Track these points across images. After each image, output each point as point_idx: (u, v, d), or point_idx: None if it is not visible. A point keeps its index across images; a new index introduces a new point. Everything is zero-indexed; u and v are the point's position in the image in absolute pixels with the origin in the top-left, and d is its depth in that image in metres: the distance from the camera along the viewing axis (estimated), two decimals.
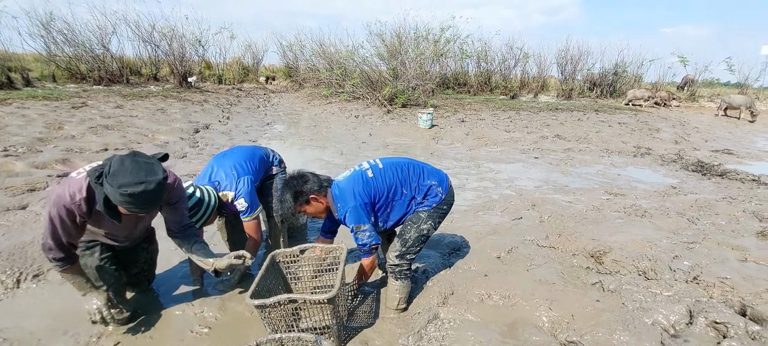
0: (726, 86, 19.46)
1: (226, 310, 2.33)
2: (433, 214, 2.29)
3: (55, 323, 2.16)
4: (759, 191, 4.81)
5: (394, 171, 2.26)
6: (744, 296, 2.35)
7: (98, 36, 12.32)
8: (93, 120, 7.11)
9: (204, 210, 2.27)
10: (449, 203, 2.37)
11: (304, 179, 2.20)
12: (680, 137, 9.03)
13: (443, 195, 2.30)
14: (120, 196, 1.59)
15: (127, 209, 1.67)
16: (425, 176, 2.29)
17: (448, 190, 2.34)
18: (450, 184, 2.39)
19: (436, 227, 2.32)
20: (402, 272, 2.29)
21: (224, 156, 2.61)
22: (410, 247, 2.26)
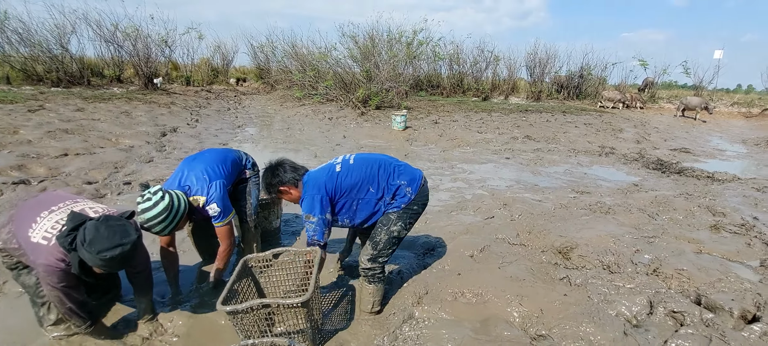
0: (683, 88, 20.58)
1: (197, 317, 2.27)
2: (403, 215, 2.25)
3: (11, 338, 2.05)
4: (713, 187, 5.12)
5: (362, 168, 2.23)
6: (699, 286, 2.49)
7: (56, 36, 11.70)
8: (51, 124, 6.75)
9: (173, 216, 2.20)
10: (421, 203, 2.32)
11: (276, 171, 2.25)
12: (641, 137, 9.47)
13: (413, 195, 2.25)
14: (99, 260, 1.68)
15: (104, 270, 1.79)
16: (395, 175, 2.25)
17: (418, 189, 2.28)
18: (423, 183, 2.32)
19: (407, 227, 2.28)
20: (374, 275, 2.27)
21: (195, 159, 2.53)
22: (381, 250, 2.24)
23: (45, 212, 1.86)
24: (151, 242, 2.73)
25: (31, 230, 1.80)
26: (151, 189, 2.13)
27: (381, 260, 2.27)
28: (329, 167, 2.25)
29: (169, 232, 2.22)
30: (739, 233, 3.43)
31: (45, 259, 1.74)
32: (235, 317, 1.77)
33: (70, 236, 1.69)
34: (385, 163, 2.29)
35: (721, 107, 16.19)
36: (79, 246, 1.67)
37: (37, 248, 1.76)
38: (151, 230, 2.12)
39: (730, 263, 2.92)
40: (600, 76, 17.24)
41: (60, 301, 1.83)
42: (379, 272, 2.28)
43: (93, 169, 4.83)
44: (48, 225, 1.81)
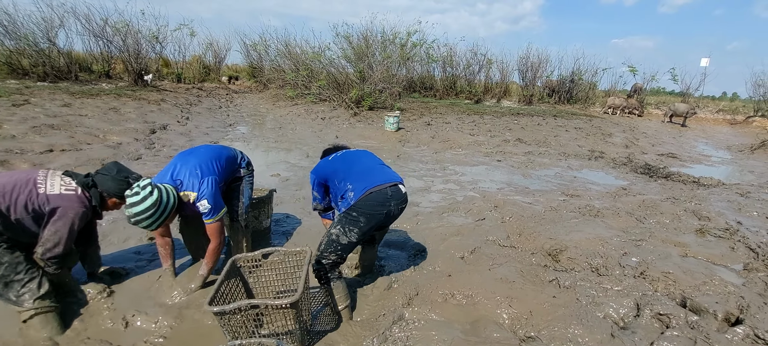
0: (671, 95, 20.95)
1: (184, 318, 2.24)
2: (343, 219, 2.18)
3: None
4: (699, 192, 5.21)
5: (339, 164, 2.40)
6: (684, 289, 2.53)
7: (43, 29, 11.48)
8: (36, 119, 6.61)
9: (161, 212, 2.17)
10: (363, 213, 2.16)
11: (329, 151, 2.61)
12: (630, 142, 9.61)
13: (352, 201, 2.18)
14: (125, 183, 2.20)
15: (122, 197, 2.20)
16: (348, 177, 2.29)
17: (360, 196, 2.17)
18: (371, 192, 2.18)
19: (346, 234, 2.16)
20: (319, 275, 2.24)
21: (190, 154, 2.50)
22: (323, 251, 2.19)
23: (40, 176, 2.12)
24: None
25: (43, 189, 2.07)
26: (140, 182, 2.11)
27: (324, 262, 2.19)
28: (331, 157, 2.50)
29: (156, 227, 2.20)
30: (723, 237, 3.50)
31: (79, 203, 2.12)
32: (222, 318, 1.75)
33: (87, 179, 2.19)
34: (355, 164, 2.39)
35: (707, 114, 16.51)
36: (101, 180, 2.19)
37: (66, 197, 2.10)
38: (139, 224, 2.11)
39: (715, 266, 2.98)
40: (590, 82, 17.46)
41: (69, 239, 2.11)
42: (324, 273, 2.21)
43: (79, 165, 4.74)
44: (58, 182, 2.13)
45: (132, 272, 2.69)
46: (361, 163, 2.38)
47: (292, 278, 2.31)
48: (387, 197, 2.21)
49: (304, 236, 3.38)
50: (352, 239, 2.18)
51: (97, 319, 2.21)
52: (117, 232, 3.28)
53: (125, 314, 2.23)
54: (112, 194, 2.21)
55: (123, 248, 3.04)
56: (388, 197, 2.21)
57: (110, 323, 2.17)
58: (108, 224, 3.38)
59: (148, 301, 2.37)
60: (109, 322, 2.18)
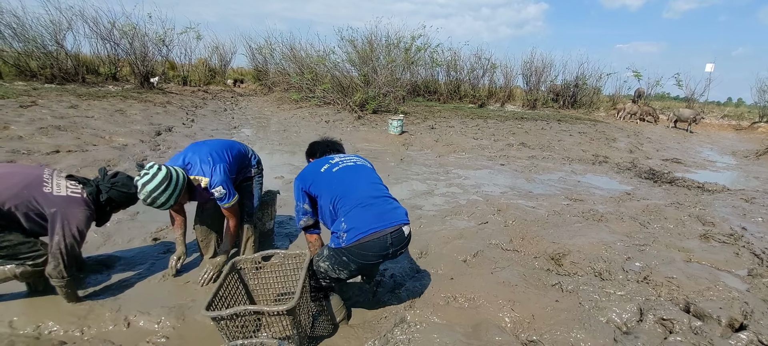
0: (675, 100, 20.85)
1: (186, 319, 2.25)
2: (332, 257, 2.01)
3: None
4: (703, 197, 5.18)
5: (335, 184, 2.10)
6: (688, 294, 2.52)
7: (52, 32, 11.62)
8: (43, 120, 6.68)
9: (173, 187, 2.23)
10: (352, 259, 1.95)
11: (317, 143, 2.62)
12: (634, 147, 9.57)
13: (344, 243, 1.93)
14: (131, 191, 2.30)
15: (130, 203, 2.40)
16: (346, 212, 1.99)
17: (353, 242, 1.90)
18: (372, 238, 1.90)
19: (336, 271, 2.00)
20: (313, 296, 2.18)
21: (202, 144, 2.58)
22: (315, 272, 2.12)
23: (46, 175, 2.15)
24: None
25: (48, 189, 2.09)
26: (147, 165, 2.20)
27: (313, 284, 2.13)
28: (322, 163, 2.26)
29: (171, 204, 2.27)
30: (727, 243, 3.47)
31: (86, 207, 2.17)
32: (219, 323, 1.75)
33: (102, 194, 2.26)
34: (353, 192, 2.04)
35: (712, 120, 16.42)
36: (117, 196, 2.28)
37: (72, 199, 2.13)
38: (155, 202, 2.21)
39: (719, 271, 2.96)
40: (595, 86, 17.43)
41: (75, 246, 2.13)
42: (315, 292, 2.15)
43: (85, 166, 4.79)
44: (64, 183, 2.17)
45: (135, 273, 2.71)
46: (360, 192, 2.03)
47: (293, 281, 2.32)
48: (386, 246, 1.93)
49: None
50: (342, 276, 2.04)
51: (98, 320, 2.21)
52: (121, 233, 3.30)
53: (127, 315, 2.24)
54: (123, 205, 2.39)
55: (127, 247, 3.07)
56: (387, 246, 1.93)
57: (112, 325, 2.18)
58: (112, 225, 3.41)
59: (150, 302, 2.38)
60: (111, 323, 2.19)
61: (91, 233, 3.22)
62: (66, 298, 2.26)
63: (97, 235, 3.21)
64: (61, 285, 2.19)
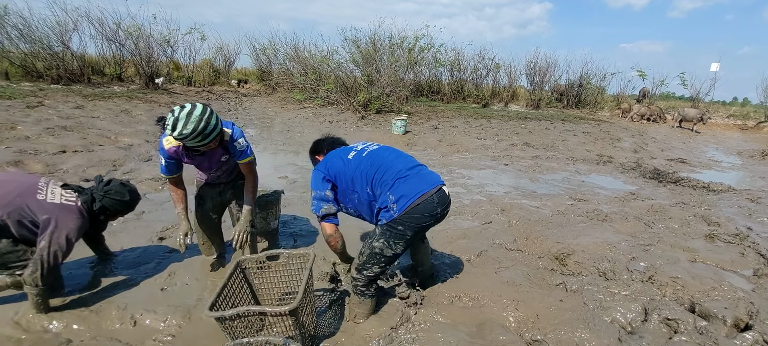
0: (680, 100, 20.71)
1: (192, 318, 2.27)
2: (386, 232, 2.08)
3: None
4: (708, 197, 5.15)
5: (367, 165, 2.16)
6: (693, 294, 2.51)
7: (58, 33, 11.70)
8: (50, 120, 6.75)
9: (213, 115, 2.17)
10: (408, 225, 2.06)
11: (322, 140, 2.58)
12: (639, 147, 9.53)
13: (396, 213, 2.03)
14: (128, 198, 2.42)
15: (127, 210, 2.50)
16: (389, 186, 2.08)
17: (405, 209, 2.02)
18: (416, 203, 2.04)
19: (392, 247, 2.09)
20: (357, 286, 2.20)
21: None
22: (365, 263, 2.15)
23: (41, 183, 2.17)
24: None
25: (42, 196, 2.10)
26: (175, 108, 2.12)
27: (366, 274, 2.15)
28: (345, 151, 2.30)
29: (219, 130, 2.24)
30: (733, 243, 3.46)
31: (80, 215, 2.17)
32: (223, 323, 1.77)
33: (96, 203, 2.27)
34: (389, 168, 2.13)
35: (718, 119, 16.30)
36: (111, 204, 2.31)
37: (66, 207, 2.14)
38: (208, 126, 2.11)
39: (724, 272, 2.94)
40: (599, 86, 17.35)
41: (58, 255, 2.09)
42: (362, 284, 2.18)
43: (91, 166, 4.83)
44: (59, 192, 2.18)
45: (141, 272, 2.73)
46: (396, 167, 2.15)
47: (297, 281, 2.33)
48: (434, 205, 2.08)
49: (311, 238, 3.41)
50: (398, 250, 2.11)
51: (106, 318, 2.24)
52: (127, 232, 3.33)
53: (134, 313, 2.26)
54: (118, 213, 2.45)
55: (133, 246, 3.09)
56: (435, 205, 2.08)
57: (118, 323, 2.20)
58: (118, 224, 3.44)
59: (156, 300, 2.41)
60: (118, 321, 2.21)
61: None
62: (35, 306, 2.15)
63: (104, 234, 3.24)
64: (33, 293, 2.10)
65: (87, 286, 2.52)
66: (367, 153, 2.23)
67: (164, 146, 2.36)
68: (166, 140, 2.34)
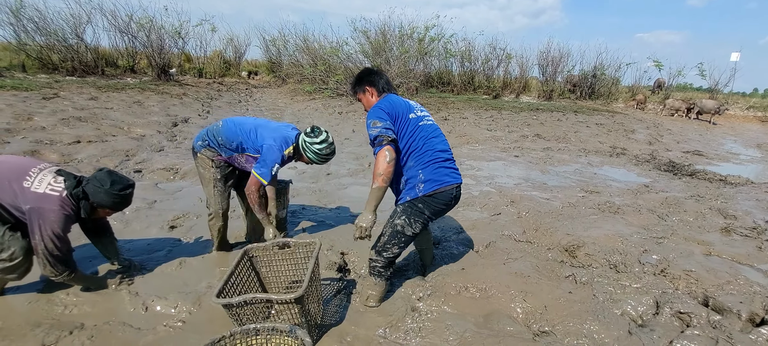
0: (698, 91, 20.20)
1: (202, 305, 2.30)
2: (408, 209, 2.16)
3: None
4: (725, 190, 5.02)
5: (416, 136, 2.17)
6: (707, 288, 2.45)
7: (72, 25, 11.89)
8: (65, 112, 6.87)
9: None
10: (429, 207, 2.16)
11: (375, 73, 2.37)
12: (654, 139, 9.34)
13: (421, 193, 2.12)
14: (117, 197, 2.14)
15: (115, 208, 2.23)
16: (423, 165, 2.15)
17: (430, 192, 2.12)
18: (440, 190, 2.14)
19: (411, 225, 2.16)
20: (375, 268, 2.26)
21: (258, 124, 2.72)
22: (386, 243, 2.21)
23: (34, 169, 2.07)
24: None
25: (28, 184, 2.01)
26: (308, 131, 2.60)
27: (385, 255, 2.22)
28: (405, 105, 2.23)
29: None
30: (750, 237, 3.37)
31: (60, 206, 2.02)
32: (230, 310, 1.79)
33: (78, 188, 2.08)
34: (430, 149, 2.18)
35: (737, 111, 15.87)
36: (93, 192, 2.08)
37: (47, 197, 2.01)
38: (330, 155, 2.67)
39: (740, 265, 2.87)
40: (613, 77, 17.01)
41: (57, 247, 2.04)
42: (381, 266, 2.25)
43: (105, 156, 4.91)
44: (47, 180, 2.05)
45: (153, 259, 2.77)
46: (437, 149, 2.21)
47: (303, 269, 2.34)
48: (451, 198, 2.22)
49: (319, 228, 3.42)
50: (416, 230, 2.20)
51: (118, 304, 2.28)
52: (139, 220, 3.39)
53: (145, 300, 2.29)
54: (104, 206, 2.16)
55: (144, 236, 3.14)
56: (451, 198, 2.22)
57: (131, 309, 2.24)
58: (131, 212, 3.50)
59: (167, 287, 2.44)
60: (130, 307, 2.25)
61: (110, 220, 3.32)
62: (80, 285, 2.29)
63: (117, 222, 3.30)
64: (62, 281, 2.17)
65: (100, 272, 2.56)
66: (423, 124, 2.24)
67: (285, 156, 2.61)
68: (288, 151, 2.62)
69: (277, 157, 2.52)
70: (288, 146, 2.60)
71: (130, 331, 2.05)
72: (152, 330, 2.07)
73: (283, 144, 2.58)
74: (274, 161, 2.51)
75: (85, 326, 2.06)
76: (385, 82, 2.35)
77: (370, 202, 2.11)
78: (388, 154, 2.05)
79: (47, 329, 2.00)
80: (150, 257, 2.79)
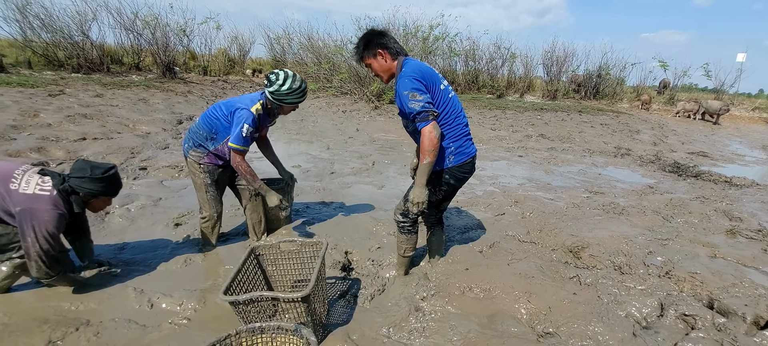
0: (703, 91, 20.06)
1: (207, 302, 2.31)
2: (434, 180, 2.26)
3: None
4: (730, 192, 5.00)
5: (449, 107, 2.21)
6: (712, 290, 2.45)
7: (77, 22, 11.92)
8: (71, 109, 6.91)
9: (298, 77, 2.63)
10: (454, 176, 2.29)
11: (384, 35, 2.23)
12: (659, 139, 9.29)
13: (451, 164, 2.24)
14: (106, 182, 2.14)
15: (109, 193, 2.23)
16: (455, 137, 2.23)
17: (459, 163, 2.25)
18: (467, 161, 2.28)
19: (436, 193, 2.30)
20: (404, 227, 2.45)
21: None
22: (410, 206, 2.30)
23: (18, 171, 2.07)
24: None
25: (15, 186, 2.01)
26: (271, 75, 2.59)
27: (411, 217, 2.38)
28: (434, 75, 2.19)
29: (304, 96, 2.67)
30: (755, 239, 3.35)
31: (52, 205, 2.02)
32: (237, 307, 1.80)
33: (64, 184, 2.07)
34: (460, 122, 2.26)
35: (742, 112, 15.76)
36: (78, 184, 2.07)
37: (38, 198, 2.01)
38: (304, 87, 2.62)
39: (745, 268, 2.86)
40: (618, 77, 16.92)
41: (52, 247, 2.04)
42: (409, 225, 2.43)
43: (110, 153, 4.94)
44: (34, 180, 2.05)
45: (158, 256, 2.79)
46: (463, 122, 2.30)
47: (309, 269, 2.35)
48: (471, 168, 2.36)
49: (323, 226, 3.43)
50: (439, 196, 2.35)
51: (123, 300, 2.30)
52: (145, 217, 3.41)
53: (151, 297, 2.31)
54: (96, 193, 2.14)
55: (150, 233, 3.16)
56: (472, 168, 2.37)
57: (137, 305, 2.26)
58: (136, 210, 3.52)
59: (173, 284, 2.46)
60: (136, 304, 2.27)
61: (116, 217, 3.35)
62: (68, 286, 2.26)
63: (121, 219, 3.33)
64: (52, 282, 2.17)
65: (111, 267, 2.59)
66: (452, 95, 2.27)
67: (253, 113, 2.58)
68: (255, 107, 2.59)
69: (245, 117, 2.54)
70: (254, 104, 2.61)
71: (136, 328, 2.07)
72: (157, 327, 2.09)
73: (249, 103, 2.61)
74: (242, 121, 2.53)
75: (90, 323, 2.07)
76: (396, 43, 2.25)
77: (421, 176, 2.13)
78: (435, 130, 2.04)
79: (54, 325, 2.02)
80: (155, 255, 2.81)
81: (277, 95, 2.57)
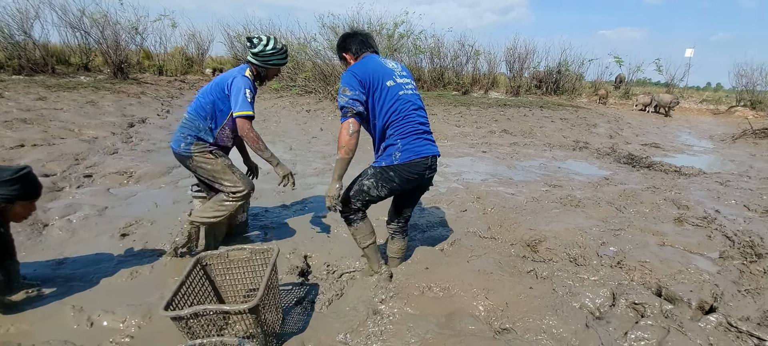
0: (656, 85, 21.21)
1: (152, 318, 2.16)
2: (379, 174, 2.24)
3: None
4: (679, 181, 5.26)
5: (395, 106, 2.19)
6: (660, 278, 2.54)
7: (18, 21, 11.12)
8: (9, 113, 6.39)
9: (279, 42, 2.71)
10: (403, 177, 2.23)
11: (353, 35, 2.37)
12: (614, 132, 9.70)
13: (395, 162, 2.19)
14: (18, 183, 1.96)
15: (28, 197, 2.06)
16: (402, 136, 2.19)
17: (405, 162, 2.19)
18: (416, 161, 2.21)
19: (378, 189, 2.26)
20: (348, 217, 2.39)
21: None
22: (351, 197, 2.33)
23: None
24: None
25: None
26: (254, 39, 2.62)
27: (351, 206, 2.34)
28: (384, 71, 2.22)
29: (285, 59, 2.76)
30: (700, 226, 3.53)
31: None
32: (180, 322, 1.68)
33: None
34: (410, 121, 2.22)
35: (691, 104, 16.76)
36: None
37: None
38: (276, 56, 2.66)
39: (691, 254, 3.00)
40: (577, 73, 17.59)
41: None
42: (350, 214, 2.37)
43: (51, 161, 4.59)
44: None
45: (101, 270, 2.60)
46: (416, 122, 2.25)
47: (262, 277, 2.24)
48: (425, 168, 2.28)
49: (282, 230, 3.32)
50: (381, 193, 2.29)
51: (60, 320, 2.12)
52: (88, 228, 3.18)
53: (91, 314, 2.14)
54: (10, 199, 1.97)
55: (92, 245, 2.94)
56: (425, 168, 2.28)
57: (74, 325, 2.09)
58: (79, 221, 3.28)
59: (116, 299, 2.29)
60: (74, 323, 2.10)
61: (55, 229, 3.10)
62: None
63: (61, 231, 3.09)
64: None
65: (42, 286, 2.38)
66: (403, 93, 2.24)
67: (248, 77, 2.59)
68: (247, 72, 2.60)
69: (243, 83, 2.53)
70: (244, 71, 2.61)
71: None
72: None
73: (240, 72, 2.59)
74: (242, 87, 2.52)
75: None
76: (360, 43, 2.33)
77: (335, 172, 2.20)
78: (352, 127, 2.11)
79: None
80: (98, 268, 2.62)
81: (262, 56, 2.59)
